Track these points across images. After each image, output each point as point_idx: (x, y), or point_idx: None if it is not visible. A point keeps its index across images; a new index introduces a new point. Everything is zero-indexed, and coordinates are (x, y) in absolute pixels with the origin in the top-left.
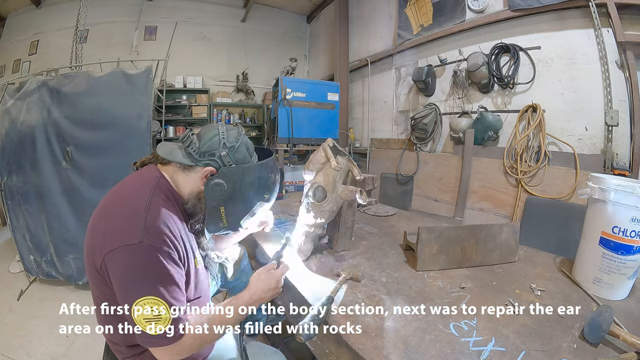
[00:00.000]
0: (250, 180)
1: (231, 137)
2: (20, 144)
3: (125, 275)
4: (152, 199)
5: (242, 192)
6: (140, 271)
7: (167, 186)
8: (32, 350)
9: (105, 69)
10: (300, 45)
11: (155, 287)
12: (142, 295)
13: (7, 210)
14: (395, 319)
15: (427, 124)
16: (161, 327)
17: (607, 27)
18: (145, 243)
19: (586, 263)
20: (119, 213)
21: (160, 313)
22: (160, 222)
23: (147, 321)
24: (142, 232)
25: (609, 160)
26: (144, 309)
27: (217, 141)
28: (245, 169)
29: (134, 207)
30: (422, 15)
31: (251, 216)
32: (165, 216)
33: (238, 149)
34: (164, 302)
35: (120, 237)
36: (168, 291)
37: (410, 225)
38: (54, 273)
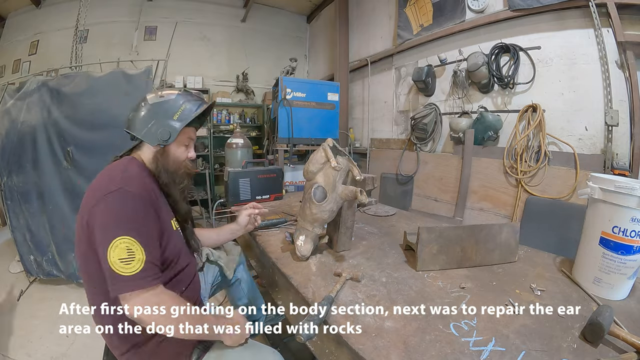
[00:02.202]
0: (159, 124)
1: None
2: (21, 144)
3: (104, 219)
4: (128, 165)
5: (163, 125)
6: (118, 213)
7: (138, 162)
8: (32, 350)
9: (105, 69)
10: (300, 45)
11: (130, 227)
12: (117, 235)
13: (7, 211)
14: (395, 319)
15: (427, 124)
16: (135, 267)
17: (607, 27)
18: (123, 188)
19: (586, 263)
20: (101, 179)
21: (135, 253)
22: (136, 176)
23: (121, 261)
24: (120, 181)
25: (609, 160)
26: (119, 248)
27: (135, 113)
28: (151, 122)
29: (112, 170)
30: (422, 15)
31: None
32: (140, 175)
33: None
34: (138, 243)
35: (102, 190)
36: (143, 233)
37: (410, 225)
38: (55, 272)
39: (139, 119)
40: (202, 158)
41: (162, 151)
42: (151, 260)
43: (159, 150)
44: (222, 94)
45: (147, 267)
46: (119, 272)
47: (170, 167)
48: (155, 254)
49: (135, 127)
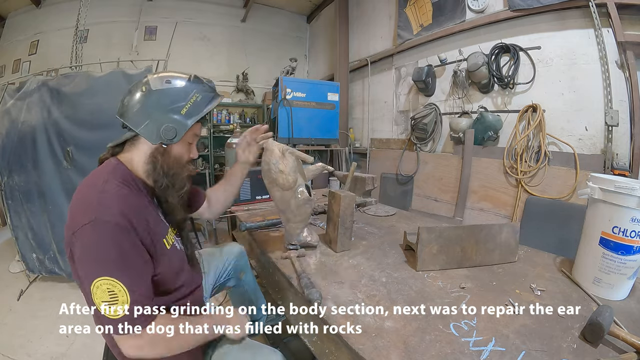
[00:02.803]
0: (160, 116)
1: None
2: (21, 144)
3: (82, 256)
4: (107, 180)
5: (163, 117)
6: (95, 250)
7: (123, 171)
8: (32, 350)
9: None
10: (300, 45)
11: (109, 266)
12: (97, 275)
13: (7, 210)
14: (395, 319)
15: (427, 124)
16: (119, 311)
17: (607, 27)
18: (98, 218)
19: (586, 263)
20: (78, 199)
21: (117, 294)
22: (114, 197)
23: (104, 303)
24: (95, 208)
25: (609, 160)
26: (100, 290)
27: (129, 98)
28: (153, 111)
29: (87, 192)
30: (422, 15)
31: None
32: (121, 193)
33: (147, 95)
34: (120, 284)
35: (78, 220)
36: (124, 271)
37: (410, 225)
38: (57, 270)
39: (137, 108)
40: (202, 158)
41: (163, 150)
42: (136, 300)
43: (158, 149)
44: (222, 94)
45: (132, 309)
46: (105, 315)
47: (171, 169)
48: (143, 289)
49: (131, 117)
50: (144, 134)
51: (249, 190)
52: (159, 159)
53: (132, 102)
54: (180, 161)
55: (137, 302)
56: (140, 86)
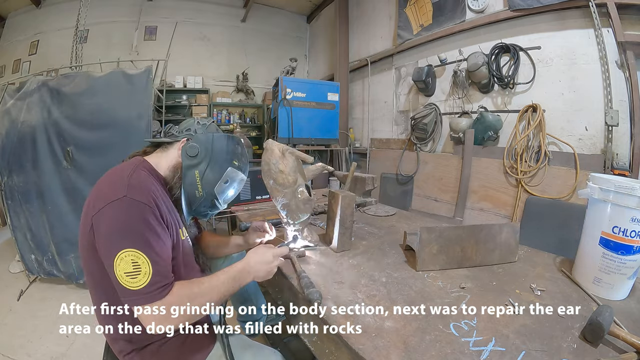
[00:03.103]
0: (220, 145)
1: (203, 120)
2: (21, 144)
3: (109, 229)
4: (135, 169)
5: (213, 155)
6: (123, 223)
7: (149, 167)
8: (32, 350)
9: (105, 69)
10: (300, 45)
11: (136, 239)
12: (123, 247)
13: (7, 210)
14: (395, 319)
15: (427, 124)
16: (142, 281)
17: (607, 27)
18: (128, 197)
19: (586, 263)
20: (105, 183)
21: (141, 266)
22: (143, 182)
23: (127, 275)
24: (125, 188)
25: (609, 160)
26: (124, 262)
27: (192, 122)
28: (215, 136)
29: (118, 175)
30: (422, 15)
31: (224, 183)
32: (148, 181)
33: (209, 126)
34: (144, 256)
35: (106, 198)
36: (149, 245)
37: (410, 225)
38: (56, 272)
39: (200, 133)
40: None
41: (186, 171)
42: (158, 272)
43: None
44: (222, 94)
45: (154, 280)
46: (126, 285)
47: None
48: (163, 264)
49: (194, 141)
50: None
51: (249, 190)
52: (179, 172)
53: (195, 128)
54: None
55: (158, 273)
56: (213, 126)
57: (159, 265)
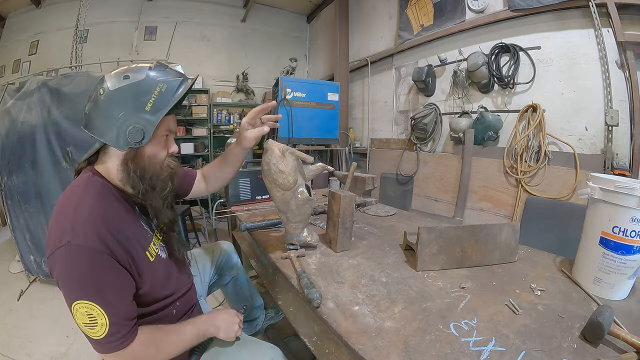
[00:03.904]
0: (123, 102)
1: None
2: (21, 144)
3: (60, 279)
4: (82, 197)
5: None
6: (71, 273)
7: (99, 184)
8: (32, 350)
9: (105, 69)
10: (300, 45)
11: (86, 290)
12: (75, 299)
13: (7, 210)
14: (395, 319)
15: (427, 124)
16: (100, 332)
17: (607, 27)
18: (72, 242)
19: (586, 263)
20: (55, 217)
21: (96, 318)
22: (88, 219)
23: (85, 325)
24: (70, 232)
25: (609, 160)
26: (80, 313)
27: (91, 105)
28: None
29: (63, 211)
30: (423, 16)
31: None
32: (96, 212)
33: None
34: (98, 307)
35: (53, 242)
36: (102, 294)
37: (410, 225)
38: None
39: (99, 115)
40: (202, 158)
41: (134, 154)
42: (117, 322)
43: (128, 154)
44: (222, 94)
45: (112, 330)
46: (88, 334)
47: (147, 172)
48: (123, 309)
49: (94, 126)
50: (110, 141)
51: (249, 190)
52: (130, 164)
53: (91, 108)
54: (155, 161)
55: (116, 323)
56: (97, 89)
57: (115, 315)
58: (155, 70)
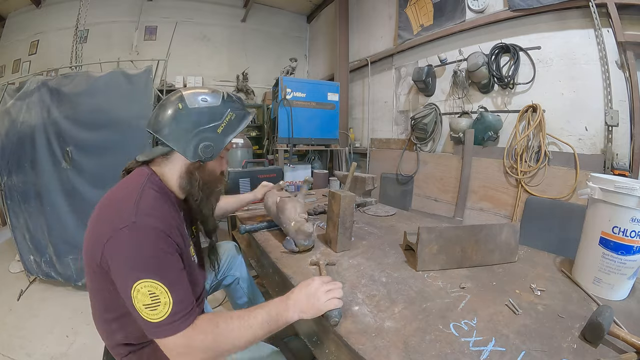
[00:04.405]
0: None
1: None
2: (20, 144)
3: (121, 260)
4: (144, 189)
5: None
6: (135, 252)
7: (157, 183)
8: (32, 350)
9: (105, 69)
10: (300, 45)
11: (150, 268)
12: (137, 278)
13: (7, 210)
14: (395, 319)
15: (427, 124)
16: (162, 312)
17: (607, 27)
18: (138, 222)
19: (586, 263)
20: (113, 206)
21: (159, 297)
22: (152, 205)
23: (147, 307)
24: (135, 213)
25: (609, 160)
26: (141, 293)
27: (169, 115)
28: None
29: (125, 198)
30: (423, 16)
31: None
32: (158, 202)
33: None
34: (161, 285)
35: (115, 224)
36: (166, 272)
37: (410, 225)
38: (54, 274)
39: (175, 125)
40: None
41: (199, 166)
42: (180, 300)
43: (194, 165)
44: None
45: (176, 309)
46: (148, 318)
47: (207, 183)
48: (183, 290)
49: (167, 134)
50: (181, 150)
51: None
52: (196, 174)
53: (168, 118)
54: (214, 175)
55: (180, 302)
56: (176, 102)
57: (178, 293)
58: (227, 100)
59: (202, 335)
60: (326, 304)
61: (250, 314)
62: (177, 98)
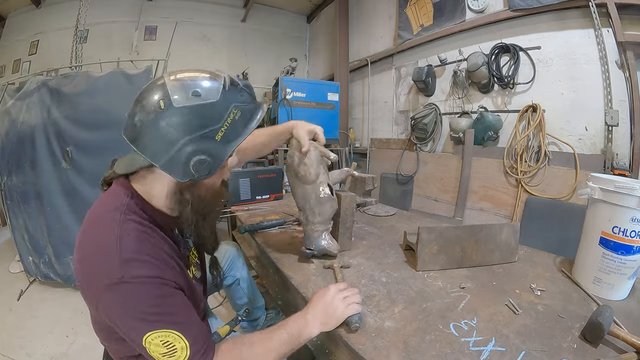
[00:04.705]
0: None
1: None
2: (20, 144)
3: (121, 321)
4: (123, 226)
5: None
6: (133, 311)
7: (138, 204)
8: (32, 350)
9: (105, 69)
10: (300, 45)
11: (156, 321)
12: (146, 332)
13: (6, 210)
14: (395, 319)
15: (427, 124)
16: (182, 357)
17: (607, 27)
18: (126, 277)
19: (586, 263)
20: (93, 253)
21: (174, 343)
22: (136, 248)
23: (164, 355)
24: (119, 267)
25: (609, 160)
26: (154, 344)
27: (152, 117)
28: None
29: (105, 244)
30: (423, 16)
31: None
32: (142, 240)
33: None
34: (173, 332)
35: (102, 280)
36: (172, 317)
37: (410, 225)
38: (52, 275)
39: (155, 134)
40: None
41: (192, 185)
42: (195, 339)
43: (184, 183)
44: None
45: (194, 350)
46: None
47: (202, 202)
48: (196, 328)
49: (145, 145)
50: (167, 169)
51: (249, 190)
52: (188, 196)
53: (146, 122)
54: (212, 190)
55: (196, 341)
56: (157, 99)
57: (192, 333)
58: (229, 91)
59: None
60: (345, 311)
61: (271, 337)
62: (158, 91)
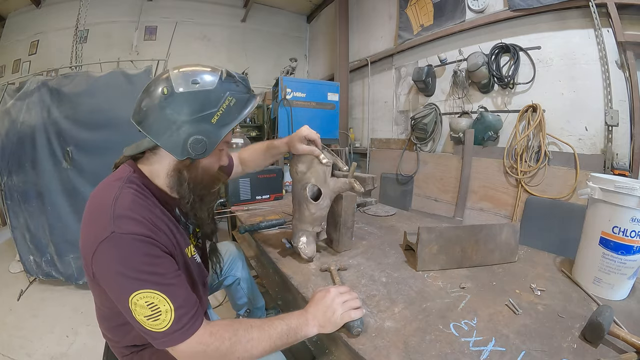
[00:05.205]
0: (183, 110)
1: (157, 86)
2: (20, 144)
3: (110, 277)
4: (122, 190)
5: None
6: (122, 266)
7: (140, 179)
8: (32, 350)
9: (105, 69)
10: (300, 45)
11: (142, 279)
12: (132, 291)
13: (6, 210)
14: (395, 319)
15: (427, 124)
16: (166, 321)
17: (607, 27)
18: (116, 232)
19: (586, 263)
20: (92, 213)
21: (158, 305)
22: (129, 207)
23: (148, 318)
24: (111, 222)
25: (609, 160)
26: (139, 306)
27: (154, 103)
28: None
29: (102, 203)
30: (423, 16)
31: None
32: (136, 202)
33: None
34: (158, 293)
35: (96, 235)
36: (159, 279)
37: (410, 225)
38: (54, 273)
39: (158, 114)
40: None
41: (190, 164)
42: (181, 304)
43: (183, 162)
44: None
45: (179, 314)
46: (152, 329)
47: (199, 183)
48: (183, 293)
49: (150, 125)
50: (167, 147)
51: (249, 190)
52: (185, 174)
53: (150, 106)
54: (209, 173)
55: (181, 306)
56: (161, 86)
57: (177, 297)
58: (225, 81)
59: (218, 342)
60: (343, 317)
61: (270, 324)
62: (163, 81)
